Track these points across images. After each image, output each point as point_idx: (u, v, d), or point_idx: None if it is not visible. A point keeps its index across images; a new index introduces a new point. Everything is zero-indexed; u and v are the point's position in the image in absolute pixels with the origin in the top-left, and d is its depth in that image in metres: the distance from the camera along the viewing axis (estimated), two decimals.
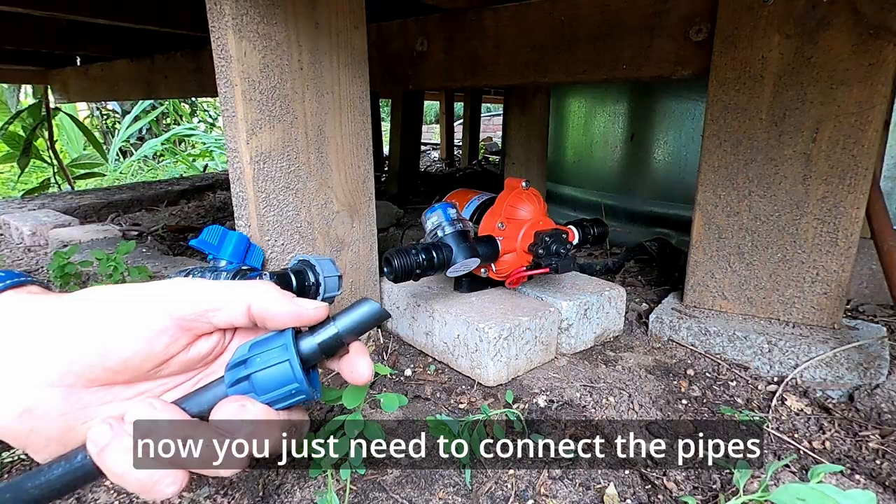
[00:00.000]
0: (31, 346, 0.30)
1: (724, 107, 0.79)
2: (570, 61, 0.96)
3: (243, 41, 0.63)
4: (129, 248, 0.92)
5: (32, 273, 1.24)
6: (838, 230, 0.75)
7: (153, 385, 0.33)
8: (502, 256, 0.77)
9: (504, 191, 0.79)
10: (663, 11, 0.84)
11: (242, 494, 0.54)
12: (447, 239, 0.70)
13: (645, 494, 0.55)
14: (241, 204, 0.70)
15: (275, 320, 0.33)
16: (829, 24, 0.70)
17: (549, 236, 0.73)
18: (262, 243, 0.70)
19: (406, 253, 0.66)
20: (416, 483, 0.55)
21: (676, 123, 1.41)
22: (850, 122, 0.71)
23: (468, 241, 0.72)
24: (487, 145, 4.60)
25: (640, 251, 1.30)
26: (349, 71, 0.74)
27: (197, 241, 0.63)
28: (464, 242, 0.71)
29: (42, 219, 1.53)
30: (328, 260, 0.61)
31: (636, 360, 0.82)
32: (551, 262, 0.72)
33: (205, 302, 0.32)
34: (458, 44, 1.11)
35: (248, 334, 0.35)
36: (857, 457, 0.61)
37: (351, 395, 0.49)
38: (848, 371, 0.72)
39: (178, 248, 1.42)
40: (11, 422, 0.29)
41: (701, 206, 0.84)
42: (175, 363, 0.32)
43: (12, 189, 3.43)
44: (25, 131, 2.45)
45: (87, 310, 0.31)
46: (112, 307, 0.31)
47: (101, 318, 0.31)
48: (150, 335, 0.31)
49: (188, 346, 0.33)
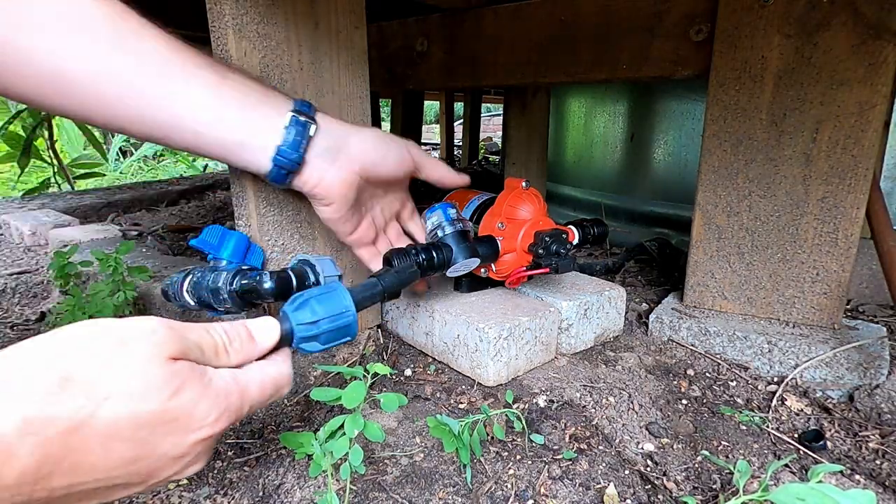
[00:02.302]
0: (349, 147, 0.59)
1: (724, 107, 0.79)
2: (570, 61, 0.96)
3: (243, 41, 0.63)
4: (129, 247, 0.91)
5: (32, 273, 1.24)
6: (838, 230, 0.75)
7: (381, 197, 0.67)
8: (502, 256, 0.77)
9: (504, 191, 0.79)
10: (663, 11, 0.84)
11: (242, 494, 0.54)
12: (447, 239, 0.70)
13: (645, 494, 0.55)
14: (241, 204, 0.70)
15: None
16: (829, 24, 0.70)
17: (549, 236, 0.73)
18: (262, 243, 0.70)
19: (406, 253, 0.66)
20: (416, 483, 0.55)
21: (676, 123, 1.41)
22: (851, 122, 0.71)
23: (468, 241, 0.72)
24: (487, 145, 4.60)
25: (640, 251, 1.30)
26: (349, 71, 0.74)
27: (197, 240, 0.63)
28: (464, 242, 0.71)
29: (42, 219, 1.53)
30: (328, 259, 0.61)
31: (636, 360, 0.82)
32: (551, 262, 0.72)
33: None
34: (459, 44, 1.11)
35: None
36: (857, 457, 0.61)
37: (350, 396, 0.49)
38: (848, 371, 0.72)
39: (178, 248, 1.42)
40: (336, 187, 0.58)
41: (701, 206, 0.84)
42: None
43: (12, 189, 3.44)
44: (25, 131, 2.45)
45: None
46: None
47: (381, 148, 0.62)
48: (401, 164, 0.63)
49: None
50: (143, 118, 0.49)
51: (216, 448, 0.60)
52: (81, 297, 0.87)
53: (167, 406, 0.32)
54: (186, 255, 1.33)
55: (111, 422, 0.30)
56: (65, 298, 0.96)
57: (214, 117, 0.51)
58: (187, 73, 0.50)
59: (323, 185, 0.57)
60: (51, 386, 0.29)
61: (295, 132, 0.53)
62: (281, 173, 0.55)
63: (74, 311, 0.85)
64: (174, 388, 0.32)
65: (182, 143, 0.52)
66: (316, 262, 0.59)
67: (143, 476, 0.33)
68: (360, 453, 0.49)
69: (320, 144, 0.56)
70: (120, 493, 0.33)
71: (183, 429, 0.33)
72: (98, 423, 0.29)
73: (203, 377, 0.34)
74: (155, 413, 0.31)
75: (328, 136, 0.56)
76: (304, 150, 0.54)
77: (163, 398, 0.31)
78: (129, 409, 0.30)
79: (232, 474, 0.56)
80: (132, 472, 0.32)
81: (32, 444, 0.27)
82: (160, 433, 0.32)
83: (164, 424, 0.32)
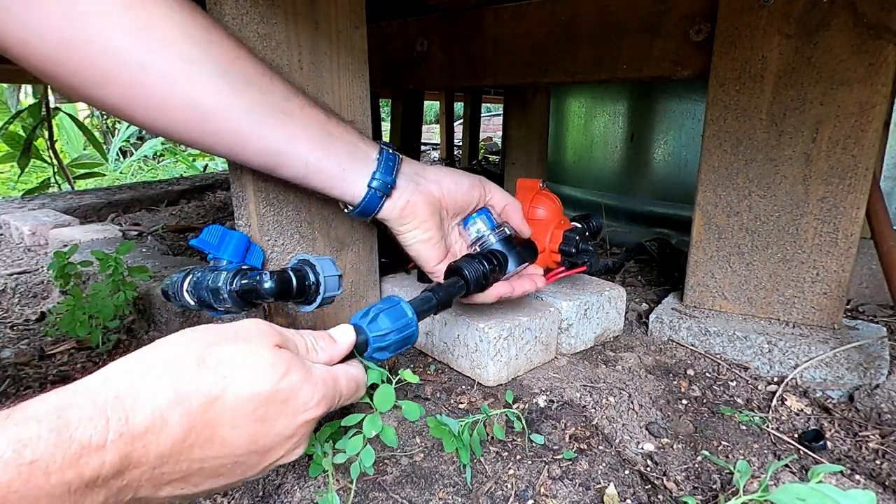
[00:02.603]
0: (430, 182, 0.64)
1: (724, 107, 0.79)
2: (570, 61, 0.96)
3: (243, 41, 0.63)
4: (129, 247, 0.91)
5: (32, 273, 1.24)
6: (838, 230, 0.75)
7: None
8: None
9: (519, 193, 0.78)
10: (663, 11, 0.84)
11: (242, 494, 0.54)
12: (497, 246, 0.68)
13: (645, 494, 0.55)
14: (240, 204, 0.70)
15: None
16: (829, 24, 0.70)
17: (577, 235, 0.73)
18: (262, 243, 0.70)
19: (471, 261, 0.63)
20: (416, 483, 0.55)
21: (676, 123, 1.41)
22: (850, 122, 0.71)
23: (515, 245, 0.69)
24: (487, 145, 4.60)
25: (640, 251, 1.30)
26: (349, 71, 0.74)
27: (197, 240, 0.63)
28: (513, 248, 0.68)
29: (42, 219, 1.53)
30: (328, 259, 0.61)
31: (636, 360, 0.82)
32: (584, 259, 0.72)
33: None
34: (459, 44, 1.11)
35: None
36: (857, 457, 0.61)
37: (382, 399, 0.49)
38: (848, 371, 0.72)
39: (178, 248, 1.42)
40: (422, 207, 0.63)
41: (701, 206, 0.84)
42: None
43: (12, 189, 3.44)
44: (25, 131, 2.45)
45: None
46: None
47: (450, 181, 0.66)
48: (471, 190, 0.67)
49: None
50: (265, 149, 0.56)
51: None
52: (81, 297, 0.87)
53: (278, 387, 0.36)
54: (186, 255, 1.33)
55: (237, 398, 0.35)
56: (65, 298, 0.96)
57: (325, 152, 0.58)
58: (304, 113, 0.57)
59: (410, 206, 0.63)
60: (189, 366, 0.34)
61: (386, 159, 0.61)
62: (376, 196, 0.61)
63: (74, 310, 0.85)
64: (283, 370, 0.37)
65: (289, 173, 0.59)
66: (316, 262, 0.59)
67: (259, 457, 0.37)
68: (371, 454, 0.49)
69: (406, 172, 0.63)
70: (238, 475, 0.37)
71: (292, 410, 0.37)
72: (228, 398, 0.34)
73: (304, 364, 0.39)
74: (270, 393, 0.36)
75: (410, 167, 0.64)
76: (395, 175, 0.62)
77: (274, 379, 0.36)
78: (251, 387, 0.35)
79: None
80: (251, 450, 0.36)
81: (180, 414, 0.33)
82: (274, 412, 0.37)
83: (277, 404, 0.37)
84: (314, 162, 0.58)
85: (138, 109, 0.51)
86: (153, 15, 0.47)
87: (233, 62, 0.52)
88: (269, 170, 0.60)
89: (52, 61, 0.47)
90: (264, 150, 0.56)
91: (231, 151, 0.57)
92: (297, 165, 0.58)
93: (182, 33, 0.49)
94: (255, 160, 0.58)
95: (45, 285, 1.17)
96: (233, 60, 0.52)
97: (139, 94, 0.49)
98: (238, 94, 0.52)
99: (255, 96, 0.53)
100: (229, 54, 0.52)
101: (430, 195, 0.64)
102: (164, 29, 0.48)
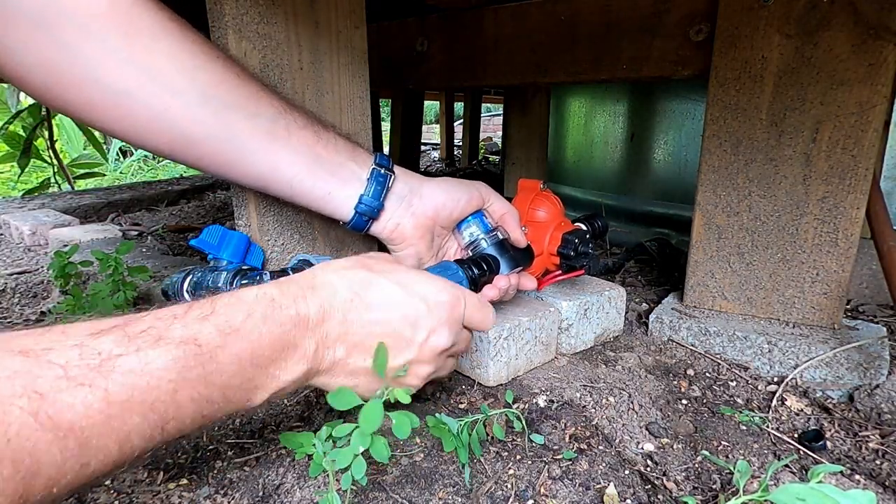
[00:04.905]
0: (421, 199, 0.65)
1: (724, 107, 0.79)
2: (570, 61, 0.96)
3: (243, 41, 0.63)
4: (129, 247, 0.91)
5: (32, 273, 1.24)
6: (838, 230, 0.75)
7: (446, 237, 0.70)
8: None
9: (520, 193, 0.78)
10: (663, 11, 0.84)
11: (242, 494, 0.53)
12: (490, 250, 0.67)
13: (645, 494, 0.55)
14: (241, 204, 0.70)
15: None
16: (829, 24, 0.70)
17: (577, 237, 0.72)
18: (262, 243, 0.70)
19: (460, 266, 0.63)
20: (416, 483, 0.55)
21: (676, 123, 1.41)
22: (851, 122, 0.71)
23: (508, 249, 0.69)
24: (487, 145, 4.60)
25: (640, 251, 1.30)
26: (349, 71, 0.74)
27: (197, 240, 0.63)
28: (507, 252, 0.68)
29: (42, 218, 1.53)
30: (328, 259, 0.61)
31: (636, 360, 0.82)
32: (583, 263, 0.72)
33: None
34: (459, 44, 1.11)
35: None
36: (857, 457, 0.61)
37: (368, 418, 0.46)
38: (848, 371, 0.72)
39: (178, 248, 1.42)
40: (410, 231, 0.64)
41: (701, 206, 0.84)
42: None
43: (12, 189, 3.44)
44: (25, 131, 2.45)
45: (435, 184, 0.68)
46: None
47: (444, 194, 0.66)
48: (464, 202, 0.67)
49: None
50: (248, 173, 0.59)
51: (216, 448, 0.60)
52: (81, 297, 0.87)
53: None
54: (186, 255, 1.33)
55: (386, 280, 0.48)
56: (65, 298, 0.96)
57: (310, 174, 0.59)
58: (291, 136, 0.58)
59: (399, 229, 0.63)
60: (351, 261, 0.50)
61: (376, 183, 0.61)
62: (362, 219, 0.62)
63: (74, 310, 0.85)
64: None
65: (277, 191, 0.61)
66: (316, 261, 0.59)
67: (411, 329, 0.47)
68: (363, 465, 0.47)
69: (397, 193, 0.63)
70: (400, 350, 0.48)
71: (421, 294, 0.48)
72: (380, 279, 0.48)
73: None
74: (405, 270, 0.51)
75: (404, 186, 0.64)
76: (383, 199, 0.62)
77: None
78: (393, 269, 0.50)
79: (232, 474, 0.56)
80: (403, 315, 0.47)
81: (346, 281, 0.46)
82: (411, 282, 0.49)
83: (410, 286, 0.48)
84: (298, 185, 0.59)
85: (127, 130, 0.53)
86: (137, 47, 0.49)
87: (218, 87, 0.53)
88: (258, 189, 0.62)
89: (42, 87, 0.49)
90: (248, 174, 0.58)
91: (218, 172, 0.58)
92: (283, 187, 0.60)
93: (168, 62, 0.50)
94: (242, 180, 0.60)
95: (45, 285, 1.17)
96: (218, 85, 0.53)
97: (125, 118, 0.51)
98: (221, 122, 0.54)
99: (240, 122, 0.55)
100: (215, 79, 0.53)
101: (422, 216, 0.64)
102: (150, 60, 0.49)
